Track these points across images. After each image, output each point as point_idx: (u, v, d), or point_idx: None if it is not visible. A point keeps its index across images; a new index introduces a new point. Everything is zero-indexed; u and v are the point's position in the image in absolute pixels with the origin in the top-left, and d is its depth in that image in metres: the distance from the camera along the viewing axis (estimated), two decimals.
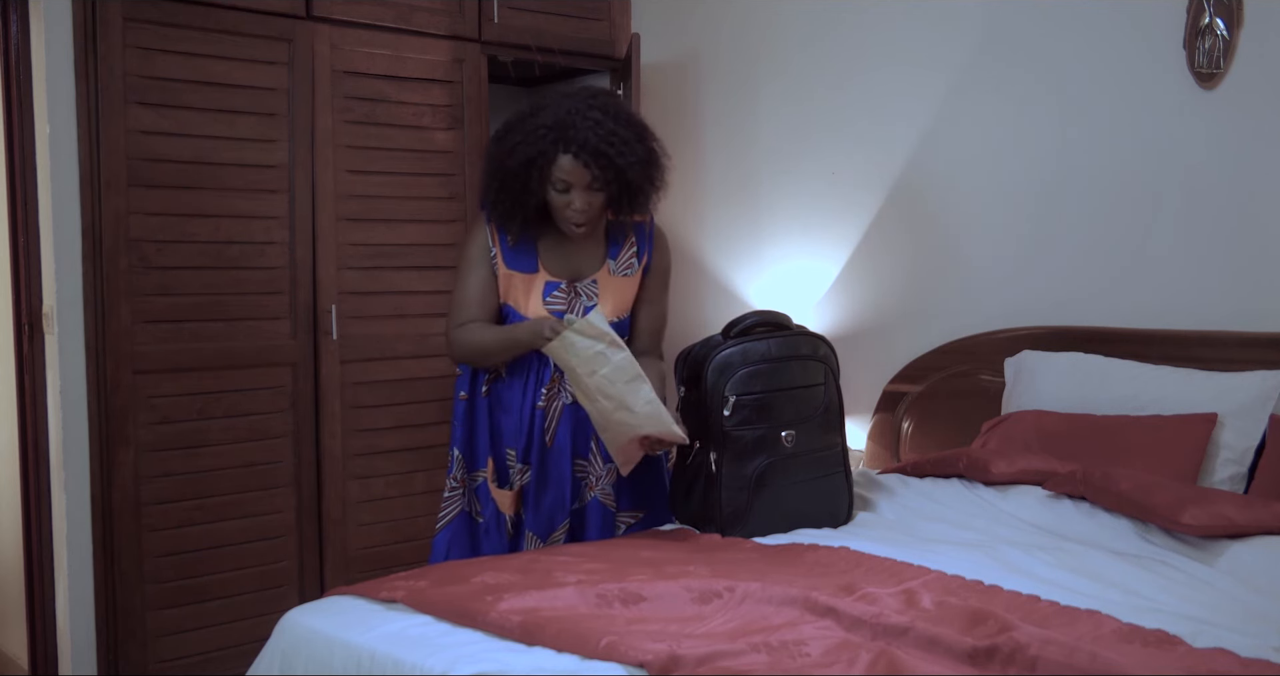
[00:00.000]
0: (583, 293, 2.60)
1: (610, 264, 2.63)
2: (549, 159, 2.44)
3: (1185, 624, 1.82)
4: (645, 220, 2.66)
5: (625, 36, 3.93)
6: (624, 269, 2.64)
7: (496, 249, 2.57)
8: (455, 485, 2.65)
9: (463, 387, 2.64)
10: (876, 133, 3.57)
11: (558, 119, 2.45)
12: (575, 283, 2.59)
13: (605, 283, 2.61)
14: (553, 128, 2.44)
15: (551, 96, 2.52)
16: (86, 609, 3.03)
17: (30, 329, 3.16)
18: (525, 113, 2.51)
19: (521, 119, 2.51)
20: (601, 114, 2.47)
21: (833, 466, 2.61)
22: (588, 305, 2.57)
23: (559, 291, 2.58)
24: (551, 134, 2.44)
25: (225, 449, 3.22)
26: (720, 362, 2.50)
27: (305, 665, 1.95)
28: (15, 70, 3.09)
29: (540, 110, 2.48)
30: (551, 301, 2.58)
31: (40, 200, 3.05)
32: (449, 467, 2.67)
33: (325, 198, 3.35)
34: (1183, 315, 2.93)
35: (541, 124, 2.45)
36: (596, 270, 2.61)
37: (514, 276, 2.57)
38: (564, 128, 2.44)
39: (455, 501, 2.65)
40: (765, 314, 2.66)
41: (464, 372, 2.65)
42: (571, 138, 2.44)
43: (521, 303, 2.58)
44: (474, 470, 2.64)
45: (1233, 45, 2.84)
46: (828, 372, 2.62)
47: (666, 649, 1.65)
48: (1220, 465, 2.61)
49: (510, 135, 2.49)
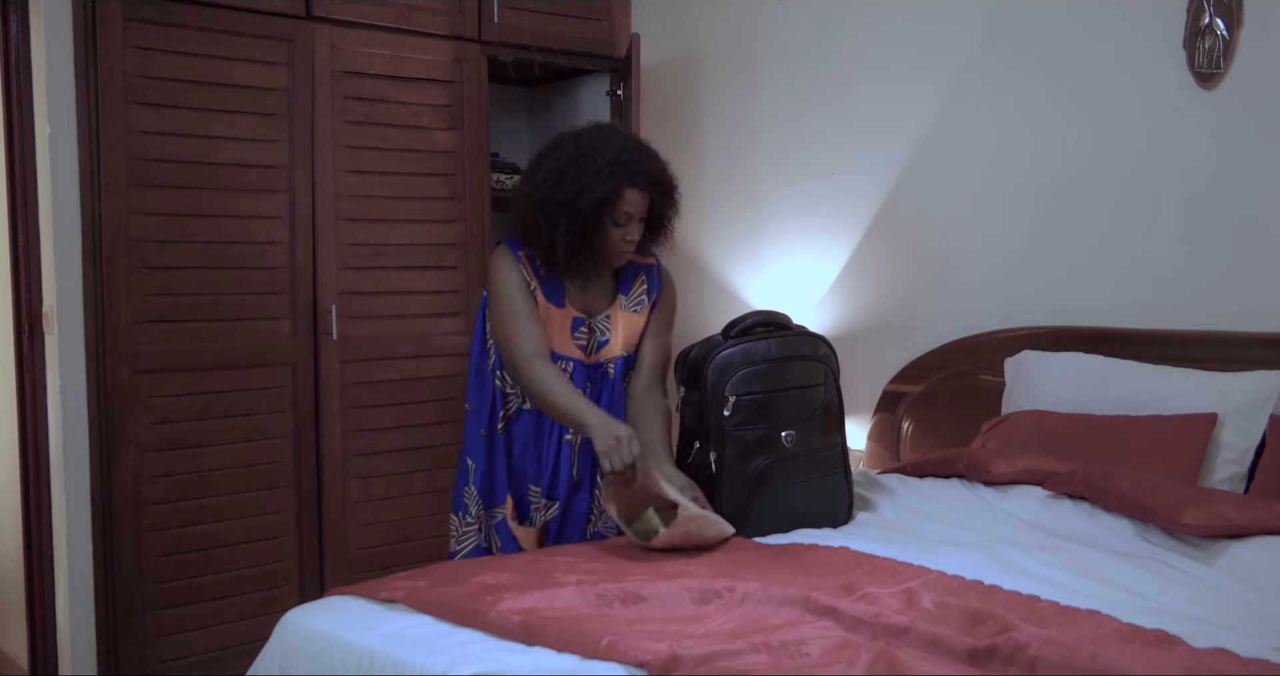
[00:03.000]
0: (596, 328, 2.63)
1: (621, 299, 2.66)
2: (619, 195, 2.49)
3: (1185, 624, 1.82)
4: (653, 262, 2.73)
5: (625, 36, 3.93)
6: (634, 305, 2.68)
7: (535, 284, 2.57)
8: (471, 521, 2.63)
9: (481, 425, 2.63)
10: (876, 133, 3.57)
11: (617, 154, 2.51)
12: (592, 318, 2.62)
13: (616, 318, 2.65)
14: (615, 163, 2.49)
15: (589, 136, 2.56)
16: (86, 609, 3.03)
17: (30, 329, 3.16)
18: (572, 153, 2.52)
19: (574, 159, 2.51)
20: (642, 145, 2.58)
21: (833, 466, 2.61)
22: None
23: (583, 328, 2.62)
24: (618, 169, 2.49)
25: (225, 449, 3.21)
26: (720, 363, 2.51)
27: (305, 665, 1.95)
28: (15, 70, 3.09)
29: (591, 150, 2.51)
30: (577, 337, 2.61)
31: (40, 200, 3.05)
32: (459, 506, 2.64)
33: (325, 198, 3.35)
34: (1183, 315, 2.93)
35: (606, 162, 2.49)
36: (608, 307, 2.65)
37: (550, 309, 2.58)
38: (626, 163, 2.50)
39: (470, 536, 2.65)
40: (765, 314, 2.67)
41: (476, 407, 2.65)
42: (637, 170, 2.51)
43: (552, 335, 2.58)
44: (492, 507, 2.64)
45: (1233, 45, 2.84)
46: (828, 373, 2.63)
47: (666, 649, 1.65)
48: (1220, 465, 2.61)
49: (570, 177, 2.49)
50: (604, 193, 2.47)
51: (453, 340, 3.60)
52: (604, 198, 2.48)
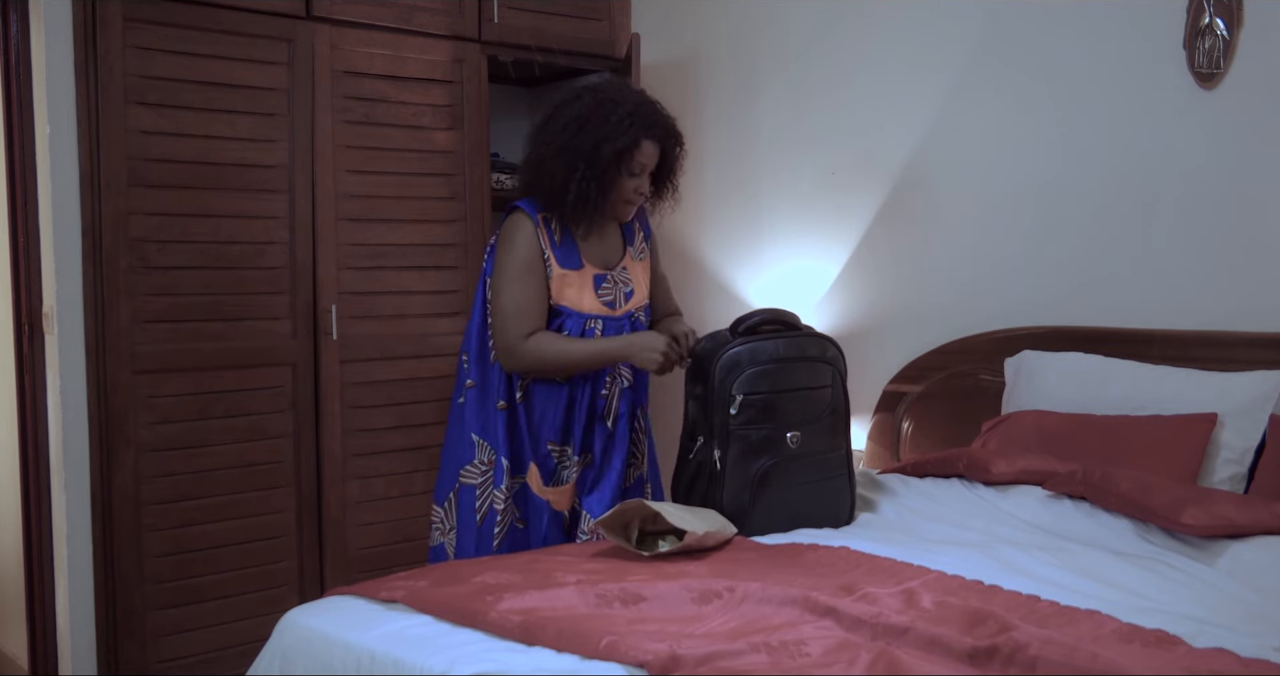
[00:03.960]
0: (618, 280, 2.69)
1: (630, 250, 2.75)
2: (638, 145, 2.57)
3: (1185, 624, 1.82)
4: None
5: (625, 36, 3.93)
6: (640, 254, 2.78)
7: (549, 251, 2.60)
8: (505, 496, 2.63)
9: (499, 396, 2.64)
10: (876, 132, 3.57)
11: (635, 106, 2.59)
12: (611, 271, 2.69)
13: (632, 268, 2.73)
14: (634, 115, 2.57)
15: (607, 89, 2.63)
16: (86, 609, 3.03)
17: (30, 329, 3.16)
18: (592, 104, 2.58)
19: (595, 109, 2.57)
20: (654, 100, 2.66)
21: (836, 469, 2.60)
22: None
23: (606, 284, 2.67)
24: (637, 120, 2.57)
25: (225, 449, 3.21)
26: (728, 361, 2.50)
27: (305, 665, 1.95)
28: (15, 70, 3.09)
29: (610, 102, 2.58)
30: (602, 293, 2.65)
31: (40, 200, 3.05)
32: (496, 478, 2.62)
33: (325, 198, 3.35)
34: (1183, 315, 2.93)
35: (626, 113, 2.56)
36: (621, 258, 2.73)
37: (567, 275, 2.62)
38: (645, 114, 2.59)
39: (506, 513, 2.64)
40: (774, 312, 2.67)
41: (479, 383, 2.65)
42: (653, 122, 2.59)
43: (575, 299, 2.62)
44: (515, 476, 2.66)
45: (1233, 45, 2.84)
46: (835, 375, 2.62)
47: (666, 649, 1.65)
48: (1220, 465, 2.61)
49: (590, 126, 2.55)
50: (624, 142, 2.55)
51: (453, 340, 3.60)
52: (624, 147, 2.55)
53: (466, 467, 2.65)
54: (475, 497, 2.64)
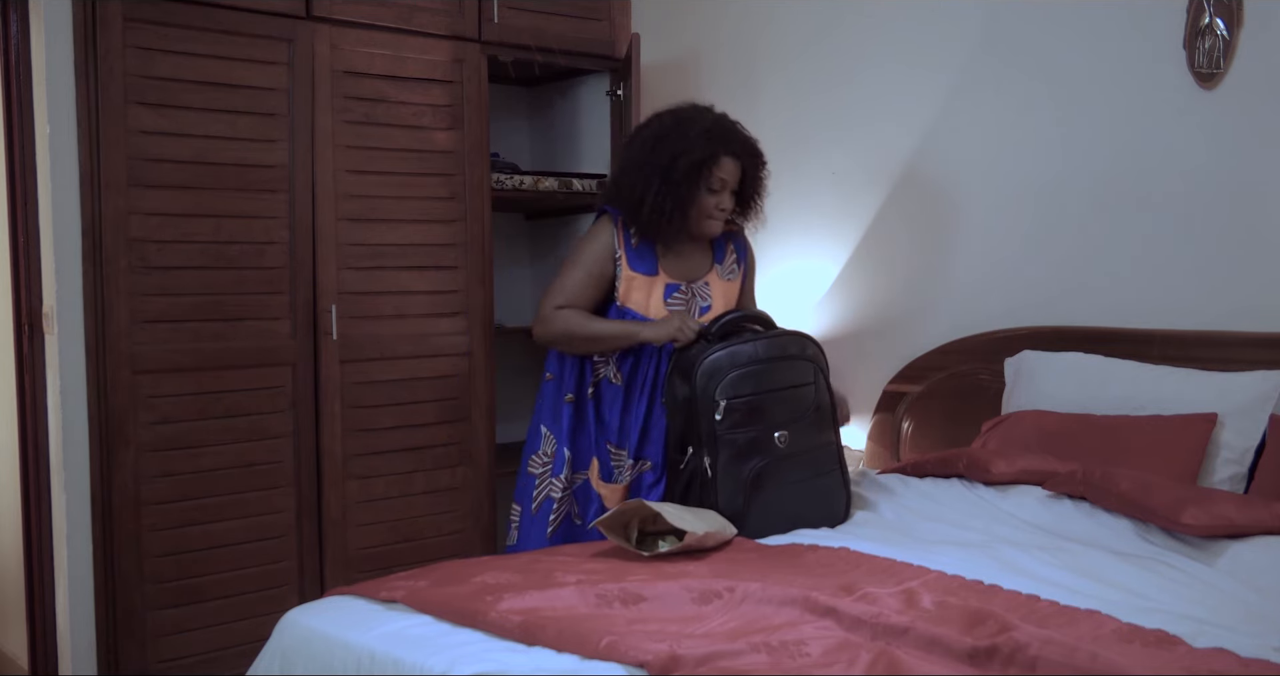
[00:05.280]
0: (697, 294, 2.77)
1: (718, 268, 2.84)
2: (715, 160, 2.64)
3: (1185, 624, 1.82)
4: (737, 229, 2.91)
5: (625, 36, 3.93)
6: (728, 273, 2.87)
7: (622, 251, 2.72)
8: (564, 486, 2.73)
9: (569, 389, 2.75)
10: (877, 132, 3.58)
11: (713, 123, 2.68)
12: (691, 284, 2.76)
13: (714, 285, 2.81)
14: (712, 131, 2.66)
15: (685, 110, 2.73)
16: (86, 609, 3.03)
17: (30, 329, 3.16)
18: (670, 122, 2.68)
19: (673, 127, 2.67)
20: (733, 120, 2.76)
21: (828, 464, 2.61)
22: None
23: (679, 293, 2.75)
24: (714, 136, 2.65)
25: (225, 449, 3.21)
26: (709, 367, 2.51)
27: (305, 665, 1.95)
28: (15, 70, 3.09)
29: (687, 120, 2.68)
30: (672, 302, 2.75)
31: (40, 200, 3.05)
32: (556, 468, 2.72)
33: (325, 198, 3.35)
34: (1183, 315, 2.93)
35: (702, 130, 2.65)
36: (707, 273, 2.81)
37: (636, 278, 2.70)
38: (722, 131, 2.68)
39: (564, 503, 2.74)
40: (747, 312, 2.70)
41: (557, 375, 2.76)
42: (731, 139, 2.69)
43: (642, 303, 2.71)
44: (578, 470, 2.74)
45: (1233, 45, 2.84)
46: (816, 371, 2.64)
47: (666, 649, 1.65)
48: (1220, 465, 2.61)
49: (667, 142, 2.64)
50: (700, 156, 2.62)
51: (453, 340, 3.60)
52: (700, 160, 2.62)
53: (532, 457, 2.79)
54: (534, 487, 2.77)
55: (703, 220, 2.69)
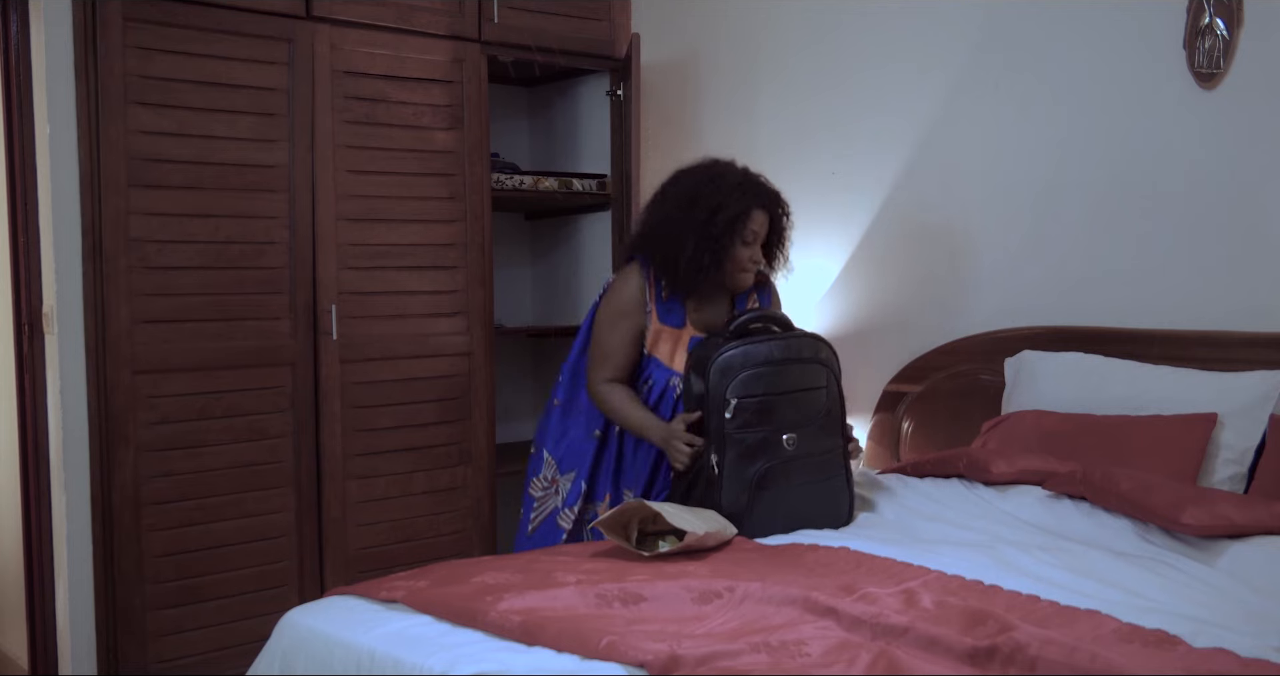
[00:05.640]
0: None
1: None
2: (748, 213, 2.68)
3: (1185, 624, 1.82)
4: (764, 279, 2.91)
5: (625, 36, 3.93)
6: None
7: (652, 304, 2.75)
8: (573, 517, 2.78)
9: (596, 426, 2.80)
10: (876, 133, 3.57)
11: (743, 177, 2.72)
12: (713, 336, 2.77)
13: None
14: (744, 185, 2.70)
15: (713, 165, 2.76)
16: (86, 609, 3.03)
17: (30, 329, 3.16)
18: (705, 178, 2.71)
19: (708, 182, 2.70)
20: (756, 173, 2.78)
21: (834, 470, 2.60)
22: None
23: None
24: (746, 190, 2.69)
25: (225, 449, 3.22)
26: (722, 364, 2.51)
27: (305, 665, 1.95)
28: (15, 70, 3.09)
29: (719, 176, 2.71)
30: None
31: (40, 200, 3.05)
32: (569, 498, 2.79)
33: (325, 198, 3.35)
34: (1183, 315, 2.93)
35: (735, 184, 2.69)
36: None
37: (664, 330, 2.74)
38: (752, 185, 2.71)
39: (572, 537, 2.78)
40: (765, 312, 2.68)
41: (574, 406, 2.83)
42: (760, 192, 2.72)
43: (667, 354, 2.75)
44: (590, 502, 2.79)
45: (1233, 45, 2.84)
46: (829, 376, 2.63)
47: (667, 649, 1.65)
48: (1220, 465, 2.61)
49: (704, 198, 2.66)
50: (737, 210, 2.65)
51: (453, 340, 3.60)
52: (736, 215, 2.65)
53: (534, 479, 2.84)
54: (532, 510, 2.84)
55: (736, 273, 2.73)
